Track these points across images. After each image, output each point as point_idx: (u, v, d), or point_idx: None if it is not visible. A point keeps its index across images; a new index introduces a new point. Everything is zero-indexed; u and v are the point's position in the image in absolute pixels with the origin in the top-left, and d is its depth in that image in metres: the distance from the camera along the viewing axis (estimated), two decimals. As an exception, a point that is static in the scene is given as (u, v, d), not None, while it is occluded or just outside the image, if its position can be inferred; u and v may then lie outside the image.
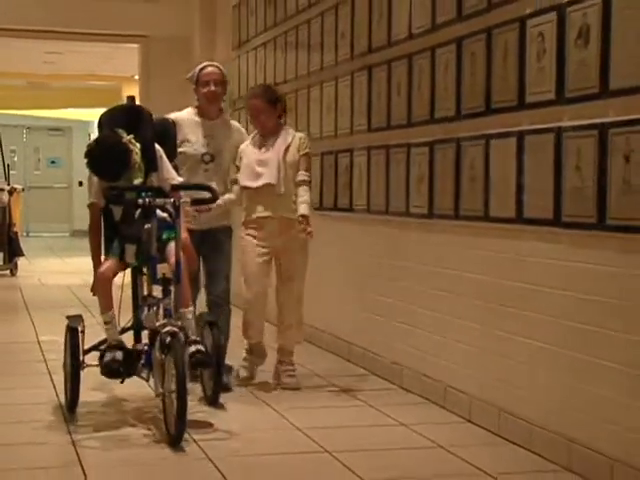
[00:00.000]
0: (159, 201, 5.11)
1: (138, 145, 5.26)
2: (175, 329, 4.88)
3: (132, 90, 16.33)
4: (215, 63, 6.42)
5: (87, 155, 5.17)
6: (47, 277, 13.56)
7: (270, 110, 5.99)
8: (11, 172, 16.66)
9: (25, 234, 20.49)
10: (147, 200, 5.07)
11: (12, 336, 8.37)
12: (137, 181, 5.27)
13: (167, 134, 5.78)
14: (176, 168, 5.61)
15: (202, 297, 6.12)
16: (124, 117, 5.53)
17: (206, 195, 5.47)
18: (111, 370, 5.16)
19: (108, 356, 5.16)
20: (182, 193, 5.32)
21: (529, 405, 4.71)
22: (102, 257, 5.39)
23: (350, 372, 6.59)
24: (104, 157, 5.15)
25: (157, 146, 5.43)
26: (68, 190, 24.66)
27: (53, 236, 22.90)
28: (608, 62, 4.09)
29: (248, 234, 5.98)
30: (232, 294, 6.21)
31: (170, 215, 5.16)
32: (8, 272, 13.70)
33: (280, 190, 5.87)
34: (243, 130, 6.50)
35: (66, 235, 23.68)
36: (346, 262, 6.95)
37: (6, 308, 10.43)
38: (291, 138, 6.03)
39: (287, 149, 5.97)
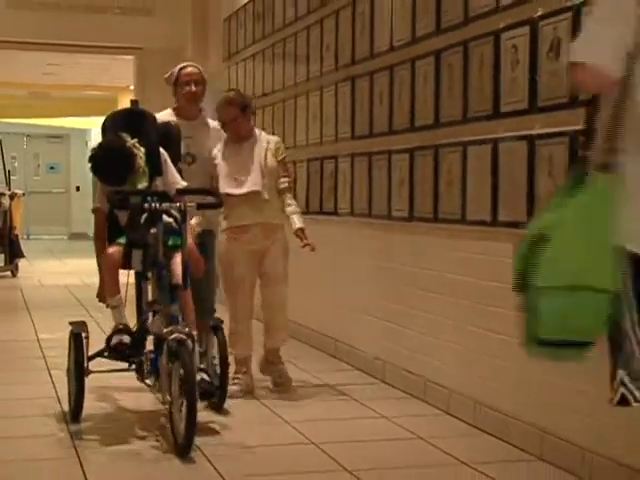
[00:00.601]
0: (165, 205, 4.79)
1: (142, 149, 4.92)
2: (183, 336, 4.49)
3: (127, 101, 16.38)
4: (193, 63, 6.15)
5: (91, 159, 4.84)
6: (46, 278, 13.53)
7: (243, 116, 5.68)
8: (12, 177, 16.67)
9: (25, 237, 20.43)
10: (153, 205, 4.75)
11: (12, 334, 8.35)
12: (141, 186, 4.94)
13: (171, 138, 5.40)
14: (180, 172, 5.26)
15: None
16: (128, 121, 5.21)
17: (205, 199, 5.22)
18: (118, 352, 4.86)
19: (115, 339, 4.83)
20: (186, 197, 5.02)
21: (503, 398, 4.73)
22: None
23: (336, 367, 6.60)
24: (108, 161, 4.84)
25: (161, 150, 5.12)
26: (66, 195, 24.70)
27: (52, 239, 22.86)
28: (578, 73, 4.11)
29: (233, 240, 5.65)
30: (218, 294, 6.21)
31: (175, 220, 4.81)
32: (9, 273, 13.66)
33: (264, 196, 5.58)
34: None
35: (64, 238, 23.68)
36: (331, 263, 6.95)
37: (7, 307, 10.42)
38: (266, 143, 5.74)
39: (265, 155, 5.68)
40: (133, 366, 4.97)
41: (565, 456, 4.20)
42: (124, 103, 17.26)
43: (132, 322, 5.01)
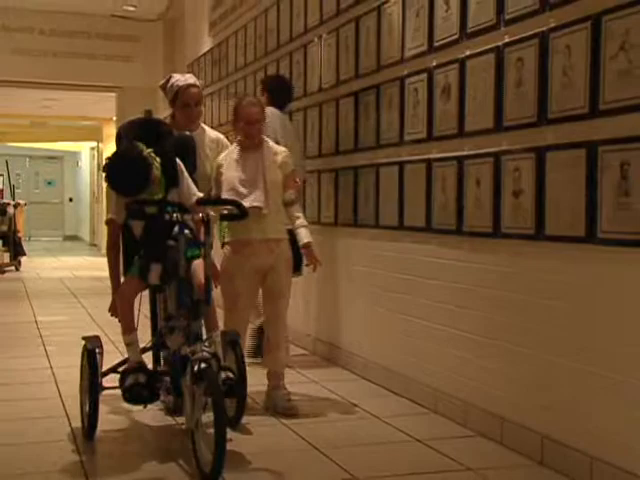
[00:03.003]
0: (187, 217, 3.79)
1: (158, 159, 3.83)
2: (207, 355, 3.48)
3: (110, 129, 16.24)
4: (194, 81, 4.72)
5: (106, 169, 3.72)
6: (44, 272, 13.34)
7: (264, 121, 4.60)
8: (16, 191, 16.64)
9: (27, 238, 20.06)
10: (175, 216, 3.73)
11: (15, 317, 8.20)
12: (157, 197, 3.83)
13: (188, 149, 4.26)
14: (196, 183, 4.09)
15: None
16: (143, 130, 4.07)
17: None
18: (134, 395, 3.75)
19: (130, 379, 3.75)
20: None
21: (408, 364, 4.77)
22: (121, 277, 4.02)
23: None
24: (124, 171, 3.71)
25: (178, 161, 3.98)
26: (61, 204, 24.64)
27: (49, 240, 22.61)
28: (464, 111, 4.17)
29: (235, 253, 4.48)
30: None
31: (191, 231, 3.81)
32: (13, 268, 13.47)
33: (266, 212, 4.41)
34: (222, 137, 4.90)
35: (59, 239, 23.49)
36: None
37: (11, 296, 10.24)
38: (273, 155, 4.52)
39: (271, 167, 4.51)
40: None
41: (454, 409, 4.26)
42: (108, 131, 17.11)
43: (145, 336, 4.08)
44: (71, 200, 24.64)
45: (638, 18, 3.03)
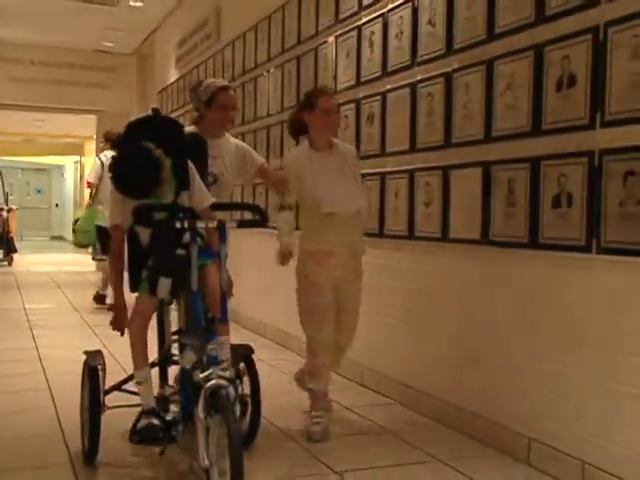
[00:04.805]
0: (200, 224, 2.78)
1: (168, 160, 2.93)
2: (224, 382, 2.56)
3: (90, 146, 16.02)
4: (228, 83, 3.85)
5: (112, 168, 2.84)
6: (33, 267, 13.02)
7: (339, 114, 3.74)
8: (10, 197, 16.44)
9: (19, 238, 19.63)
10: (187, 222, 2.75)
11: (7, 305, 7.99)
12: (167, 200, 2.96)
13: (199, 150, 3.33)
14: (207, 187, 3.20)
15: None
16: (152, 128, 3.05)
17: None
18: (147, 437, 2.84)
19: (143, 422, 2.86)
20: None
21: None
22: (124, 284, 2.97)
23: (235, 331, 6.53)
24: (132, 171, 2.84)
25: (190, 163, 3.08)
26: (48, 209, 24.44)
27: (38, 240, 22.23)
28: (385, 135, 4.22)
29: (319, 264, 3.50)
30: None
31: (202, 239, 2.89)
32: (6, 263, 13.20)
33: (364, 218, 3.65)
34: (243, 144, 4.03)
35: (47, 239, 23.14)
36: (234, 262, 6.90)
37: (3, 286, 9.97)
38: (349, 156, 3.66)
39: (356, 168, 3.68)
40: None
41: (375, 380, 4.30)
42: (89, 147, 16.85)
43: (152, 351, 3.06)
44: (57, 206, 24.45)
45: (521, 64, 3.12)
